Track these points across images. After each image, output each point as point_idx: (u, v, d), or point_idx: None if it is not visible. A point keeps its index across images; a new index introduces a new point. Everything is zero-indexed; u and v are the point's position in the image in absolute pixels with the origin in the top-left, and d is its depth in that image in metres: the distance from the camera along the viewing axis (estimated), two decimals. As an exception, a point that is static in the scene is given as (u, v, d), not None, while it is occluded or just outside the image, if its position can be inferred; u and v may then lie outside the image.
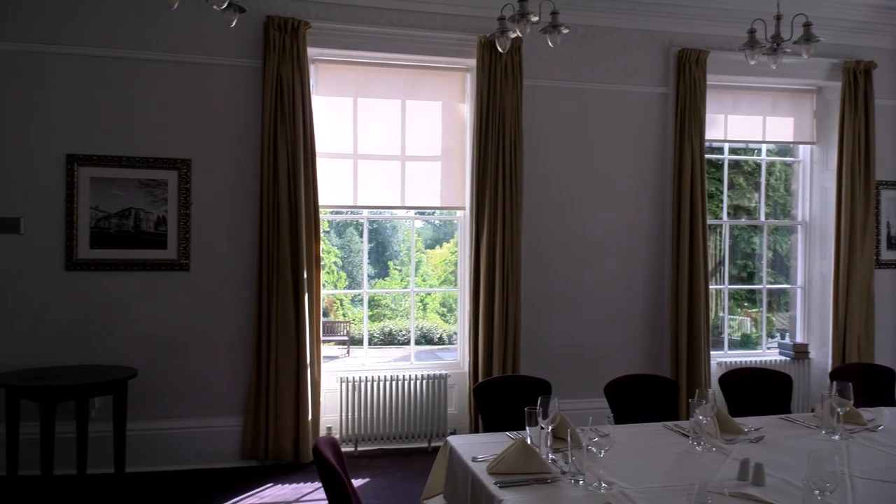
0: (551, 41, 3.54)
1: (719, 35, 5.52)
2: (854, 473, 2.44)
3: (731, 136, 5.93)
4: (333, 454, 2.34)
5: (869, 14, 5.68)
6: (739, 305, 9.87)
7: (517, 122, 5.09)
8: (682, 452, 2.69)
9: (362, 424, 5.08)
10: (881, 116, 5.85)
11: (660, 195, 5.55)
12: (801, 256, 6.21)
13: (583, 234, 5.44)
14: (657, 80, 5.53)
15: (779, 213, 6.54)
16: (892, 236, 6.00)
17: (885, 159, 5.91)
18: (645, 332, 5.56)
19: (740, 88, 5.84)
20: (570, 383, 5.23)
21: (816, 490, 1.92)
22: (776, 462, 2.49)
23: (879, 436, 2.93)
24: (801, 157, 6.19)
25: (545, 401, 2.55)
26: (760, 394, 3.73)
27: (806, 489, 1.95)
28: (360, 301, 5.74)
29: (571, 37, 5.27)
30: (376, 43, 5.04)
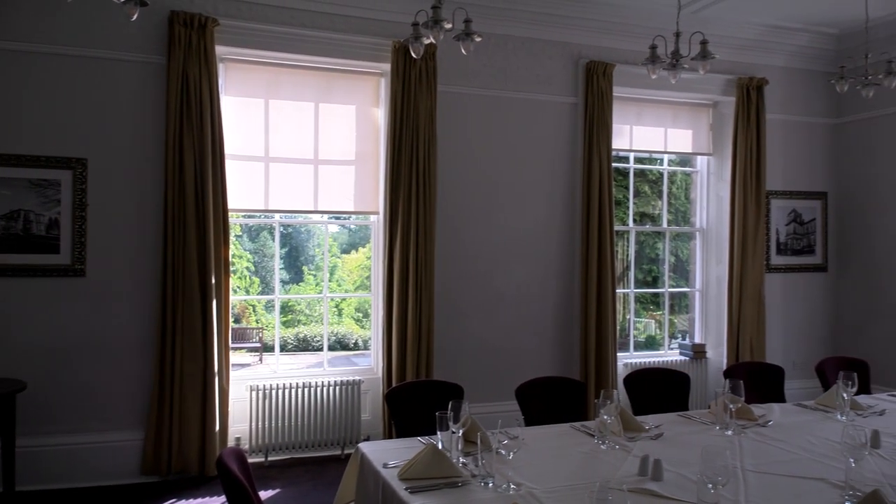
0: (464, 49, 3.57)
1: (625, 49, 5.75)
2: (746, 467, 2.58)
3: (636, 145, 6.19)
4: (239, 465, 2.26)
5: (761, 33, 6.07)
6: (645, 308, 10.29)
7: (431, 127, 5.12)
8: (588, 451, 2.77)
9: (273, 433, 4.95)
10: (771, 130, 6.25)
11: (570, 202, 5.71)
12: (700, 261, 6.55)
13: (496, 239, 5.52)
14: (568, 90, 5.70)
15: (680, 220, 6.86)
16: (780, 243, 6.42)
17: (775, 170, 6.32)
18: (556, 335, 5.70)
19: (644, 101, 6.10)
20: (484, 387, 5.30)
21: (710, 484, 2.01)
22: (674, 457, 2.60)
23: (769, 430, 3.12)
24: (699, 168, 6.53)
25: (456, 405, 2.56)
26: (661, 392, 3.89)
27: (700, 483, 2.05)
28: (274, 307, 5.60)
29: (485, 45, 5.36)
30: (288, 44, 4.95)
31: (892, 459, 2.66)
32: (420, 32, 3.49)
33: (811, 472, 2.51)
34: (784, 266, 6.43)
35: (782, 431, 3.09)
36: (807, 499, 2.25)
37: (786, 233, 6.43)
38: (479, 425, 2.71)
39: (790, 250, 6.45)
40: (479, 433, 2.44)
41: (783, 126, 6.39)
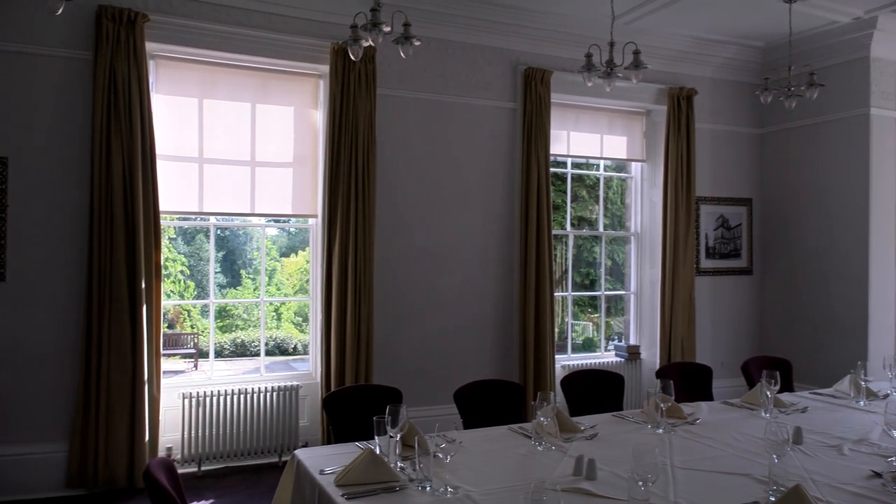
0: (403, 52, 3.57)
1: (562, 57, 5.86)
2: (675, 464, 2.66)
3: (574, 151, 6.32)
4: (167, 476, 2.19)
5: (691, 45, 6.29)
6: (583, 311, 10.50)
7: (371, 130, 5.09)
8: (525, 453, 2.80)
9: (207, 442, 4.81)
10: (701, 138, 6.49)
11: (509, 206, 5.78)
12: (634, 265, 6.72)
13: (436, 242, 5.54)
14: (507, 95, 5.77)
15: (616, 224, 7.03)
16: (709, 247, 6.66)
17: (704, 177, 6.55)
18: (495, 338, 5.75)
19: (581, 108, 6.23)
20: (424, 390, 5.30)
21: (640, 481, 2.07)
22: (607, 457, 2.66)
23: (698, 428, 3.22)
24: (634, 174, 6.71)
25: (394, 409, 2.55)
26: (597, 393, 3.97)
27: (631, 481, 2.10)
28: (209, 311, 5.45)
29: (425, 49, 5.37)
30: (223, 42, 4.84)
31: (814, 455, 2.78)
32: (359, 35, 3.47)
33: (736, 468, 2.60)
34: (712, 269, 6.67)
35: (710, 429, 3.19)
36: (732, 493, 2.33)
37: (714, 237, 6.68)
38: (418, 429, 2.71)
39: (718, 254, 6.70)
40: (417, 437, 2.43)
41: (711, 135, 6.63)
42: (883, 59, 5.94)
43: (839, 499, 2.28)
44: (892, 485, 2.38)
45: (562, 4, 5.47)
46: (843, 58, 6.02)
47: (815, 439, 2.99)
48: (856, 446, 2.90)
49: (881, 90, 5.96)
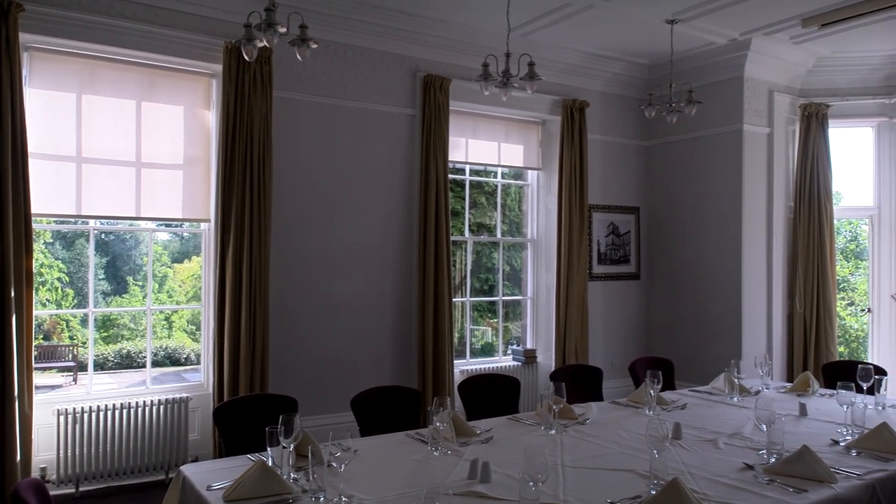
0: (300, 54, 3.51)
1: (461, 65, 5.94)
2: (566, 463, 2.74)
3: (472, 158, 6.42)
4: (38, 499, 2.03)
5: (583, 59, 6.55)
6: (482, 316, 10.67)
7: (266, 133, 4.96)
8: (421, 459, 2.80)
9: (86, 461, 4.51)
10: (592, 149, 6.76)
11: (408, 212, 5.79)
12: (531, 270, 6.91)
13: (334, 248, 5.46)
14: (406, 101, 5.78)
15: (514, 230, 7.20)
16: (601, 253, 6.95)
17: (595, 186, 6.83)
18: (394, 344, 5.73)
19: (479, 116, 6.35)
20: (321, 399, 5.22)
21: (531, 482, 2.12)
22: (502, 459, 2.71)
23: (588, 428, 3.34)
24: (530, 181, 6.90)
25: (287, 419, 2.48)
26: (494, 397, 4.04)
27: (522, 481, 2.15)
28: (90, 321, 5.12)
29: (323, 53, 5.30)
30: (105, 35, 4.58)
31: (692, 449, 2.95)
32: (253, 34, 3.38)
33: (622, 464, 2.72)
34: (604, 274, 6.96)
35: (598, 428, 3.32)
36: (617, 489, 2.43)
37: (605, 244, 6.97)
38: (312, 438, 2.66)
39: (609, 260, 7.00)
40: (311, 446, 2.38)
41: (602, 145, 6.93)
42: (755, 79, 6.41)
43: (714, 490, 2.42)
44: (763, 476, 2.56)
45: (461, 14, 5.55)
46: (720, 77, 6.46)
47: (693, 434, 3.17)
48: (730, 440, 3.09)
49: (753, 108, 6.44)
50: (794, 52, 6.37)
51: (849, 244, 8.77)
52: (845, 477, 2.55)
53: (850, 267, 8.54)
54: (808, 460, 2.55)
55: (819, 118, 6.56)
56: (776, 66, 6.46)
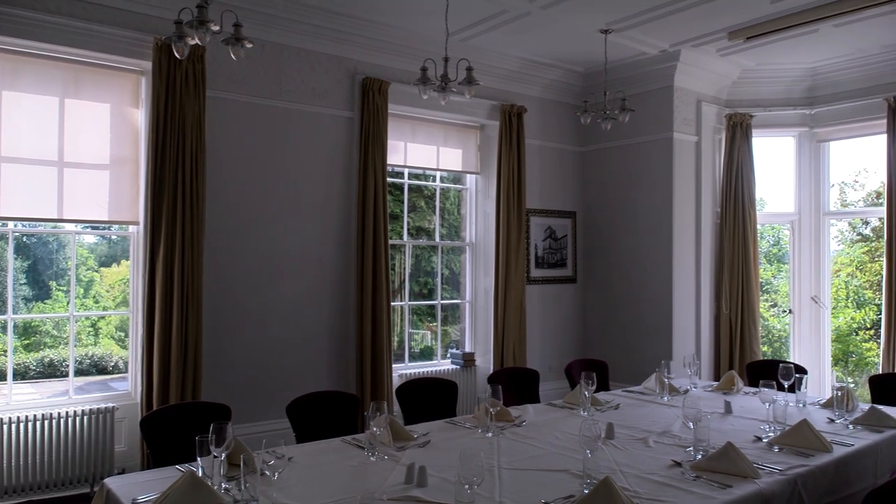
0: (234, 54, 3.44)
1: (399, 69, 5.93)
2: (502, 465, 2.77)
3: (411, 162, 6.42)
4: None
5: (521, 65, 6.64)
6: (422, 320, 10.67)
7: (199, 133, 4.83)
8: (358, 465, 2.78)
9: (6, 474, 4.30)
10: (530, 153, 6.86)
11: (346, 215, 5.73)
12: (470, 274, 6.95)
13: (270, 251, 5.36)
14: (344, 104, 5.73)
15: (453, 234, 7.22)
16: (538, 257, 7.06)
17: (533, 190, 6.93)
18: (332, 349, 5.67)
19: (418, 119, 6.35)
20: (257, 406, 5.11)
21: (466, 484, 2.12)
22: (438, 463, 2.71)
23: (524, 430, 3.38)
24: (469, 185, 6.95)
25: (218, 427, 2.42)
26: (432, 401, 4.04)
27: (458, 484, 2.15)
28: (7, 328, 4.87)
29: (260, 52, 5.20)
30: (28, 30, 4.37)
31: (624, 448, 3.02)
32: (184, 32, 3.29)
33: (556, 465, 2.76)
34: (541, 278, 7.07)
35: (534, 429, 3.36)
36: (551, 489, 2.46)
37: (542, 248, 7.08)
38: (245, 447, 2.60)
39: (546, 264, 7.12)
40: (243, 455, 2.33)
41: (540, 150, 7.04)
42: (684, 89, 6.64)
43: (644, 487, 2.49)
44: (690, 472, 2.64)
45: (400, 17, 5.55)
46: (652, 86, 6.66)
47: (625, 433, 3.25)
48: (659, 438, 3.19)
49: (683, 117, 6.66)
50: (720, 64, 6.63)
51: (772, 248, 9.15)
52: (768, 472, 2.66)
53: (773, 270, 8.92)
54: (733, 457, 2.65)
55: (743, 128, 6.84)
56: (704, 76, 6.70)
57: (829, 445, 2.99)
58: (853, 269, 8.61)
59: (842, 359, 8.26)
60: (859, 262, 8.54)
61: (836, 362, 7.99)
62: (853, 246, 8.62)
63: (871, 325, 8.03)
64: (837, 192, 7.98)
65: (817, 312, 7.01)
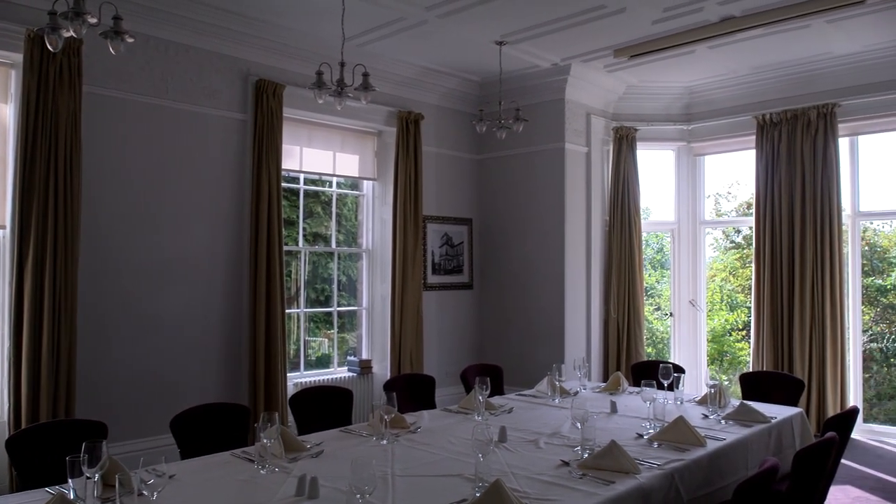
0: (113, 48, 3.26)
1: (295, 72, 5.82)
2: (396, 472, 2.75)
3: (307, 167, 6.30)
4: None
5: (418, 73, 6.68)
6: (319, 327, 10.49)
7: (75, 132, 4.53)
8: (247, 479, 2.68)
9: None
10: (427, 161, 6.91)
11: (238, 220, 5.54)
12: (366, 280, 6.90)
13: (156, 258, 5.09)
14: (237, 106, 5.55)
15: (350, 240, 7.15)
16: (435, 263, 7.11)
17: (430, 197, 6.98)
18: (223, 359, 5.45)
19: (314, 124, 6.25)
20: (141, 421, 4.84)
21: (358, 494, 2.10)
22: (332, 473, 2.66)
23: (419, 436, 3.38)
24: (366, 192, 6.91)
25: (91, 446, 2.26)
26: (327, 410, 3.97)
27: (349, 493, 2.13)
28: None
29: (144, 48, 4.96)
30: None
31: (515, 451, 3.08)
32: (58, 23, 3.08)
33: (450, 470, 2.78)
34: (438, 284, 7.12)
35: (429, 435, 3.38)
36: (444, 494, 2.48)
37: (439, 254, 7.14)
38: (121, 466, 2.44)
39: (443, 270, 7.18)
40: (119, 474, 2.19)
41: (437, 158, 7.11)
42: (574, 102, 6.91)
43: (533, 488, 2.55)
44: (577, 471, 2.74)
45: (295, 19, 5.44)
46: (544, 97, 6.89)
47: (517, 436, 3.32)
48: (550, 439, 3.28)
49: (573, 128, 6.93)
50: (607, 79, 6.96)
51: (656, 255, 9.68)
52: (648, 468, 2.80)
53: (657, 275, 9.43)
54: (616, 454, 2.77)
55: (629, 140, 7.21)
56: (593, 90, 7.01)
57: (703, 440, 3.18)
58: (727, 275, 9.25)
59: (717, 358, 8.85)
60: (732, 268, 9.19)
61: (712, 361, 8.55)
62: (727, 253, 9.27)
63: (742, 327, 8.67)
64: (713, 202, 8.56)
65: (695, 315, 7.47)
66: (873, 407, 7.47)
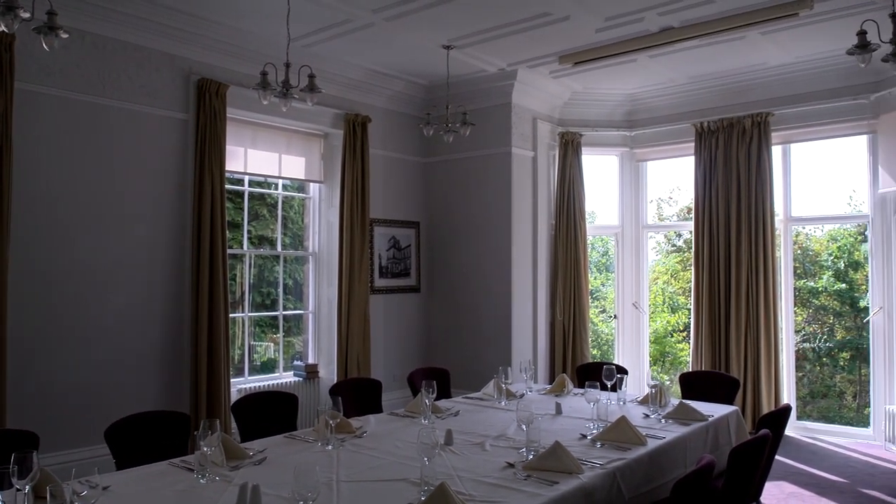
0: (46, 44, 3.14)
1: (239, 71, 5.72)
2: (341, 478, 2.73)
3: (252, 169, 6.19)
4: None
5: (365, 75, 6.65)
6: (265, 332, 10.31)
7: (5, 129, 4.33)
8: (185, 489, 2.61)
9: None
10: (374, 163, 6.88)
11: (179, 223, 5.40)
12: (313, 284, 6.83)
13: (92, 262, 4.92)
14: (178, 105, 5.41)
15: (297, 243, 7.06)
16: (382, 266, 7.08)
17: (377, 200, 6.95)
18: (163, 366, 5.30)
19: (259, 125, 6.15)
20: (76, 431, 4.67)
21: (301, 501, 2.07)
22: (275, 480, 2.62)
23: (365, 441, 3.36)
24: (312, 194, 6.83)
25: (21, 457, 2.17)
26: (271, 415, 3.90)
27: (292, 501, 2.10)
28: None
29: (79, 44, 4.79)
30: None
31: (461, 454, 3.09)
32: (-13, 17, 2.94)
33: (396, 474, 2.77)
34: (385, 288, 7.10)
35: (375, 440, 3.36)
36: (390, 499, 2.47)
37: (387, 257, 7.12)
38: (53, 477, 2.35)
39: (390, 273, 7.16)
40: (50, 486, 2.10)
41: (384, 161, 7.08)
42: (521, 106, 7.00)
43: (478, 490, 2.56)
44: (522, 472, 2.76)
45: (239, 18, 5.35)
46: (492, 102, 6.95)
47: (463, 439, 3.33)
48: (496, 441, 3.30)
49: (520, 132, 7.01)
50: (553, 85, 7.07)
51: (601, 258, 9.89)
52: (590, 467, 2.85)
53: (602, 278, 9.63)
54: (560, 454, 2.81)
55: (574, 145, 7.34)
56: (539, 96, 7.11)
57: (644, 439, 3.26)
58: (668, 278, 9.52)
59: (659, 359, 9.10)
60: (674, 271, 9.46)
61: (655, 362, 8.78)
62: (669, 256, 9.54)
63: (683, 328, 8.93)
64: (655, 207, 8.80)
65: (638, 317, 7.65)
66: (806, 405, 7.80)
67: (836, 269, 8.02)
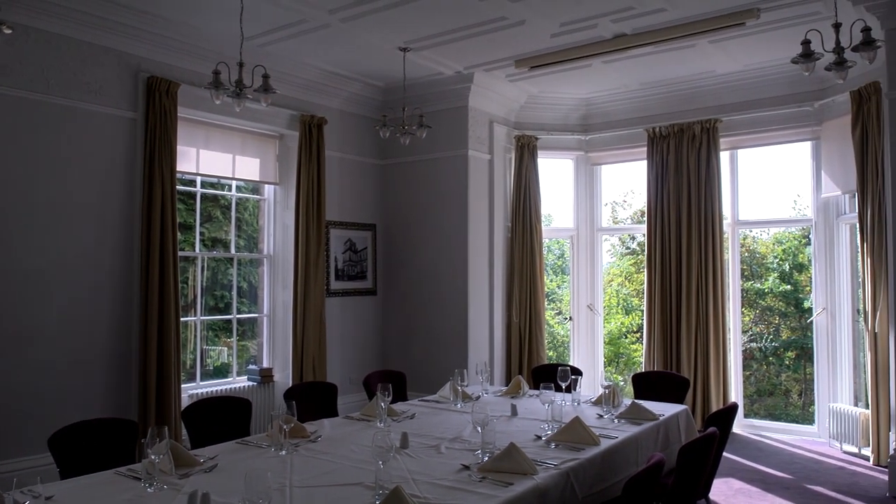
0: (-15, 38, 3.02)
1: (191, 70, 5.60)
2: (294, 483, 2.69)
3: (204, 170, 6.06)
4: None
5: (321, 76, 6.59)
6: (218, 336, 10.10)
7: (-59, 127, 4.16)
8: (132, 498, 2.54)
9: None
10: (330, 165, 6.82)
11: (128, 224, 5.26)
12: (267, 287, 6.72)
13: (32, 264, 4.74)
14: (126, 103, 5.27)
15: (251, 246, 6.95)
16: (338, 269, 7.02)
17: (333, 202, 6.89)
18: (110, 372, 5.14)
19: (212, 125, 6.03)
20: (17, 439, 4.50)
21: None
22: (225, 488, 2.56)
23: (318, 445, 3.32)
24: (267, 196, 6.73)
25: (-46, 469, 2.08)
26: (223, 421, 3.83)
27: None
28: None
29: (22, 39, 4.63)
30: None
31: (417, 456, 3.08)
32: (-81, 8, 2.82)
33: (350, 479, 2.75)
34: (342, 290, 7.04)
35: (329, 444, 3.32)
36: (344, 503, 2.45)
37: (343, 260, 7.06)
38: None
39: (346, 276, 7.10)
40: (-14, 499, 2.02)
41: (340, 163, 7.03)
42: (477, 109, 7.03)
43: (433, 493, 2.56)
44: (477, 474, 2.77)
45: (190, 15, 5.24)
46: (448, 105, 6.96)
47: (419, 442, 3.32)
48: (451, 444, 3.30)
49: (476, 135, 7.04)
50: (509, 89, 7.12)
51: (557, 261, 10.00)
52: (545, 468, 2.87)
53: (558, 280, 9.74)
54: (515, 456, 2.82)
55: (530, 149, 7.41)
56: (495, 99, 7.15)
57: (598, 439, 3.30)
58: (623, 280, 9.69)
59: (614, 360, 9.24)
60: (628, 273, 9.63)
61: (609, 363, 8.92)
62: (623, 259, 9.71)
63: (637, 329, 9.09)
64: (609, 210, 8.95)
65: (593, 319, 7.76)
66: (753, 403, 8.03)
67: (782, 272, 8.29)
